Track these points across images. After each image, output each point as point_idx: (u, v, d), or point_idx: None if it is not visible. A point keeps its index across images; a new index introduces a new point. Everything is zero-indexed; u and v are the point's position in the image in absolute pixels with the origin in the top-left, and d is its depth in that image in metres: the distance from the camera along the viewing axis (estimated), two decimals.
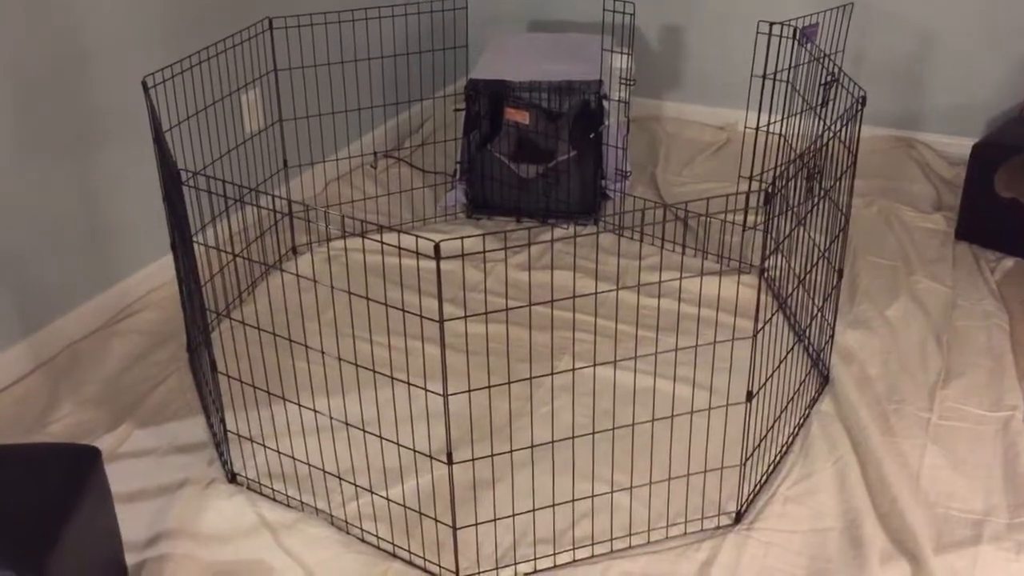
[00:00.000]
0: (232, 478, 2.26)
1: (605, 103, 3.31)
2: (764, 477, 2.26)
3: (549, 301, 2.15)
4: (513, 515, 2.08)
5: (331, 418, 2.13)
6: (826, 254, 2.46)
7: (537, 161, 3.32)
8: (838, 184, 2.36)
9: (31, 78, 2.53)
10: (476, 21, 4.52)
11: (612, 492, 2.20)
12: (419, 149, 3.99)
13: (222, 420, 2.25)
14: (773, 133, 3.25)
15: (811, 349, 2.62)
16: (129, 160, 2.88)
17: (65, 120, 2.65)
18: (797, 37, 2.79)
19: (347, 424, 2.01)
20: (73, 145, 2.69)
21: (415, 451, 2.01)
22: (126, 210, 2.90)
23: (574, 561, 2.05)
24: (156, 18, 2.87)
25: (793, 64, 2.94)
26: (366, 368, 1.89)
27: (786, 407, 2.42)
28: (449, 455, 1.85)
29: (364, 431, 2.00)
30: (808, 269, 2.47)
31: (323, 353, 2.31)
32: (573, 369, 1.97)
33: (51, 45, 2.57)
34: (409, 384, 1.82)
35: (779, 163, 3.18)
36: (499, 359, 2.68)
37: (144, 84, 2.28)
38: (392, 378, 1.84)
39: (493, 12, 4.52)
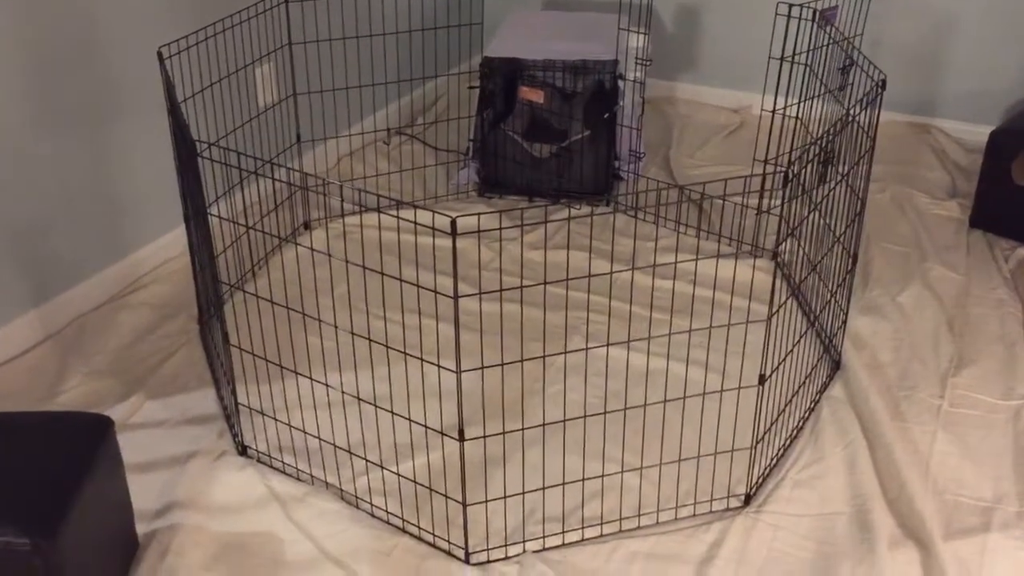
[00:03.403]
0: (242, 451, 2.27)
1: (620, 83, 3.29)
2: (774, 460, 2.26)
3: (563, 280, 2.14)
4: (523, 493, 2.08)
5: (342, 392, 2.13)
6: (841, 239, 2.45)
7: (550, 140, 3.30)
8: (855, 169, 2.35)
9: (46, 49, 2.52)
10: None
11: (622, 472, 2.20)
12: (432, 126, 3.97)
13: (233, 392, 2.25)
14: (790, 116, 3.23)
15: (823, 334, 2.62)
16: (142, 132, 2.87)
17: (79, 91, 2.64)
18: (817, 19, 2.77)
19: (358, 399, 2.01)
20: (86, 116, 2.68)
21: (426, 427, 2.01)
22: (138, 183, 2.90)
23: (583, 540, 2.06)
24: None
25: (812, 47, 2.92)
26: (378, 343, 1.89)
27: (797, 391, 2.41)
28: (461, 431, 1.85)
29: (375, 406, 2.00)
30: (823, 254, 2.46)
31: (336, 328, 2.30)
32: (586, 348, 1.97)
33: (67, 17, 2.56)
34: (422, 360, 1.81)
35: (795, 146, 3.16)
36: (512, 338, 2.68)
37: (160, 55, 2.27)
38: (405, 353, 1.84)
39: None
